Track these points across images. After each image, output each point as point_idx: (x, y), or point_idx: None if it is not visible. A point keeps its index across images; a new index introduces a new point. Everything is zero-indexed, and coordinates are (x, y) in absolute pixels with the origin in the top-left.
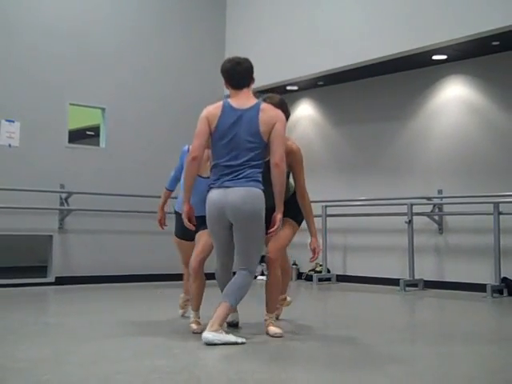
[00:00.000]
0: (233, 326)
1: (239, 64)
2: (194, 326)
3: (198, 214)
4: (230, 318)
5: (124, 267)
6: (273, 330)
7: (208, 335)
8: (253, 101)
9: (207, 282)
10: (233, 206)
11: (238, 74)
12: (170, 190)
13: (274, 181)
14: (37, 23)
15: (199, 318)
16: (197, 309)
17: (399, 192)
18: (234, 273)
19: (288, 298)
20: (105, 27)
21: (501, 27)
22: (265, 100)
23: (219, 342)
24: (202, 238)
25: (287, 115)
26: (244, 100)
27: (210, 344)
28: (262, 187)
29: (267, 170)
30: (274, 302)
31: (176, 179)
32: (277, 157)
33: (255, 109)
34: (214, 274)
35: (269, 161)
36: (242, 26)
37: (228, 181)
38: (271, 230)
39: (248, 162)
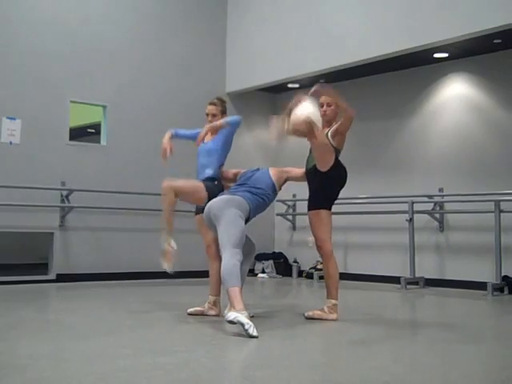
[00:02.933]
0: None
1: None
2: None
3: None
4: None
5: (125, 265)
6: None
7: (228, 314)
8: None
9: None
10: None
11: None
12: (174, 135)
13: None
14: (38, 21)
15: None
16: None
17: (400, 190)
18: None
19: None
20: (106, 25)
21: (502, 25)
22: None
23: (235, 321)
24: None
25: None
26: None
27: (231, 323)
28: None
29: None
30: (330, 289)
31: (183, 136)
32: None
33: None
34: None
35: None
36: (243, 24)
37: None
38: None
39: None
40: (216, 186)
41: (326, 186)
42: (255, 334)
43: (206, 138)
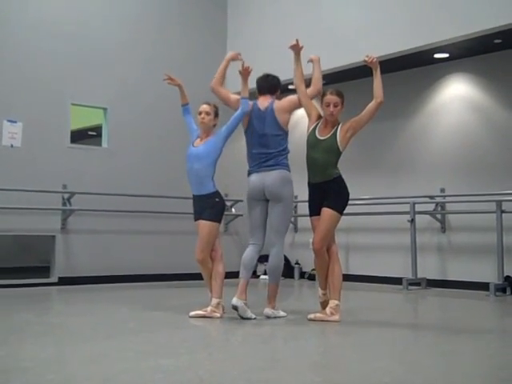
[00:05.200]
0: (234, 309)
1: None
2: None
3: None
4: (235, 302)
5: (127, 267)
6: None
7: (268, 311)
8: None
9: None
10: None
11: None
12: (183, 104)
13: None
14: (38, 23)
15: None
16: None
17: (402, 191)
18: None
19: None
20: (106, 27)
21: (503, 25)
22: None
23: (273, 316)
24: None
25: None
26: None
27: (269, 317)
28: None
29: None
30: (333, 290)
31: (188, 119)
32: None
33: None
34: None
35: None
36: (243, 24)
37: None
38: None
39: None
40: (220, 205)
41: (347, 191)
42: (285, 314)
43: (200, 140)
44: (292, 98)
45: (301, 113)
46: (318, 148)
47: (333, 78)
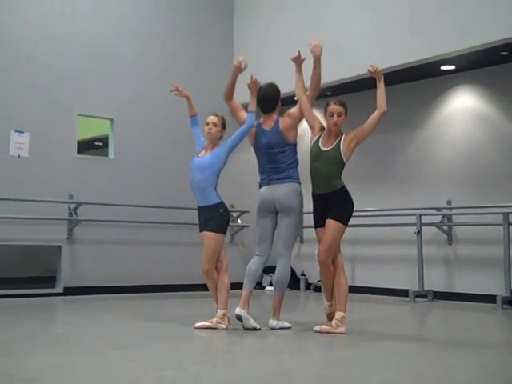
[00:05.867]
0: (238, 319)
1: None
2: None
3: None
4: (237, 312)
5: (132, 278)
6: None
7: (273, 322)
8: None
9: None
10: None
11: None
12: (191, 115)
13: None
14: (45, 35)
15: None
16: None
17: (408, 202)
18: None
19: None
20: (112, 38)
21: (509, 37)
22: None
23: (278, 327)
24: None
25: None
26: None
27: (273, 329)
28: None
29: None
30: (339, 301)
31: (195, 130)
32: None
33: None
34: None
35: None
36: (249, 36)
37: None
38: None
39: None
40: (225, 216)
41: (351, 202)
42: (289, 325)
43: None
44: (295, 113)
45: (306, 125)
46: (321, 159)
47: (339, 90)
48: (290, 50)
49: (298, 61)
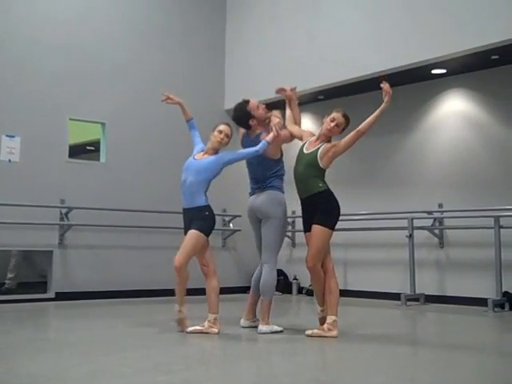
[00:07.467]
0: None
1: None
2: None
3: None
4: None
5: (124, 282)
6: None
7: (262, 328)
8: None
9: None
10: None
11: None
12: (187, 120)
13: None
14: (36, 38)
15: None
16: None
17: (400, 206)
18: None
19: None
20: (104, 42)
21: (500, 41)
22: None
23: (268, 331)
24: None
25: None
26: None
27: (263, 333)
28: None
29: None
30: (330, 306)
31: (193, 133)
32: None
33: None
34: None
35: None
36: (241, 41)
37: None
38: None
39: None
40: (210, 219)
41: (335, 205)
42: (281, 329)
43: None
44: (282, 138)
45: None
46: (301, 161)
47: (330, 94)
48: (282, 53)
49: (283, 92)
